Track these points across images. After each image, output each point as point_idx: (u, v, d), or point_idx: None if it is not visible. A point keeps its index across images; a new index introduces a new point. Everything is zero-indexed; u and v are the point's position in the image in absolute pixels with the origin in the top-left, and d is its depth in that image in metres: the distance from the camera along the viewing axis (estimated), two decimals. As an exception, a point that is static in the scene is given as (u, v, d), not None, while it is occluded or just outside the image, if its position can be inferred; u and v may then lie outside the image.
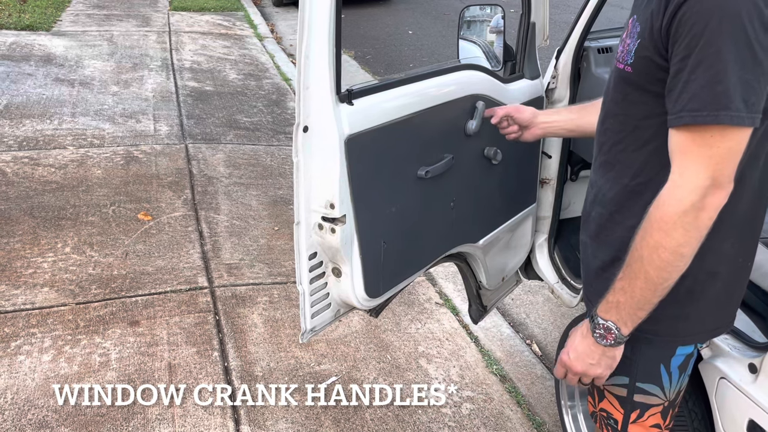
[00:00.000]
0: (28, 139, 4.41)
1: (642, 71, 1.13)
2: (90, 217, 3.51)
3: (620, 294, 1.14)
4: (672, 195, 1.06)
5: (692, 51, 1.00)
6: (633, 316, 1.15)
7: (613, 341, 1.18)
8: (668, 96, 1.07)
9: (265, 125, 5.14)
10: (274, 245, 3.43)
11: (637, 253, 1.11)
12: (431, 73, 1.68)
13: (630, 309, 1.14)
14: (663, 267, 1.08)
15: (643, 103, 1.16)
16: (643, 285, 1.10)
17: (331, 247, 1.50)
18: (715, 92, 0.99)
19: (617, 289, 1.15)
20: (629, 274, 1.12)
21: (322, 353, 2.66)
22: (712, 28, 0.98)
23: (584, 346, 1.22)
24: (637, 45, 1.12)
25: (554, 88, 2.13)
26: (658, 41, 1.07)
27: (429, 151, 1.67)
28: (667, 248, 1.06)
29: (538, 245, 2.34)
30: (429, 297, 3.14)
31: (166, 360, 2.53)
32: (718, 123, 1.00)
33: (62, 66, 6.03)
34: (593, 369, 1.23)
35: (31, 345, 2.54)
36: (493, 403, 2.49)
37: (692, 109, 1.02)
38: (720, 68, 0.98)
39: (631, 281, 1.12)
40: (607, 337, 1.18)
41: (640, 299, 1.12)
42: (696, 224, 1.04)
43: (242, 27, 8.49)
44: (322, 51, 1.34)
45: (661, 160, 1.13)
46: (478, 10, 2.19)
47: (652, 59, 1.09)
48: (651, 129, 1.16)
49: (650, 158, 1.18)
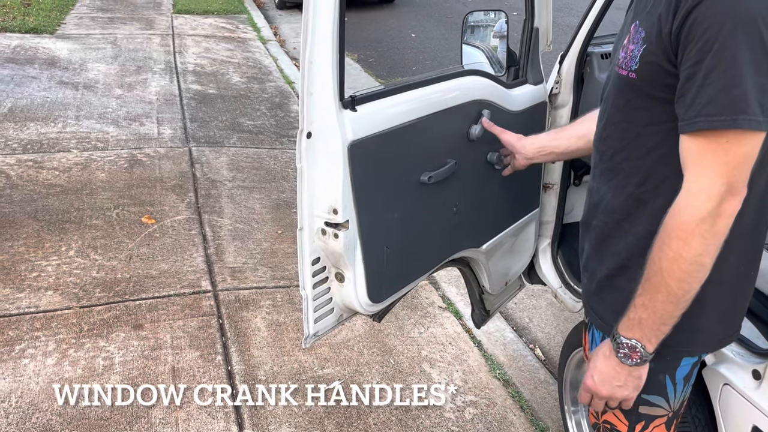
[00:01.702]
0: (32, 142, 4.42)
1: (648, 77, 1.10)
2: (94, 220, 3.52)
3: (641, 310, 1.11)
4: (688, 203, 1.03)
5: (705, 55, 0.98)
6: (657, 331, 1.11)
7: (639, 360, 1.14)
8: (679, 101, 1.05)
9: (268, 128, 5.15)
10: (277, 249, 3.43)
11: (656, 266, 1.07)
12: (434, 78, 1.69)
13: (653, 325, 1.11)
14: (684, 278, 1.05)
15: (647, 110, 1.14)
16: (665, 298, 1.07)
17: (334, 253, 1.50)
18: (731, 96, 0.98)
19: (638, 305, 1.11)
20: (649, 288, 1.09)
21: (325, 357, 2.66)
22: (727, 32, 0.96)
23: (608, 367, 1.18)
24: (643, 50, 1.10)
25: (557, 93, 2.13)
26: (666, 46, 1.05)
27: (432, 156, 1.67)
28: (687, 258, 1.04)
29: (542, 250, 2.34)
30: (432, 301, 3.14)
31: (170, 363, 2.53)
32: (736, 127, 0.98)
33: (66, 69, 6.05)
34: (620, 391, 1.19)
35: (36, 348, 2.55)
36: (497, 407, 2.49)
37: (708, 114, 1.00)
38: (736, 72, 0.97)
39: (652, 296, 1.09)
40: (632, 356, 1.14)
41: (663, 313, 1.09)
42: (714, 231, 1.02)
43: (245, 30, 8.51)
44: (325, 57, 1.35)
45: (668, 168, 1.11)
46: (482, 15, 2.19)
47: (660, 65, 1.07)
48: (656, 136, 1.14)
49: (656, 166, 1.15)
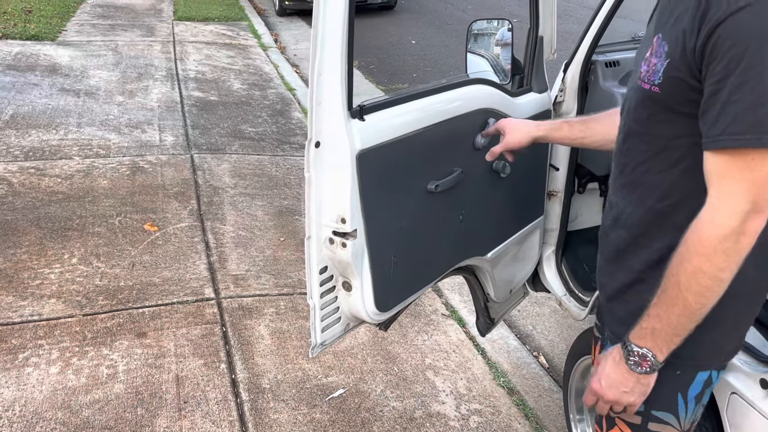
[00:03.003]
0: (34, 149, 4.42)
1: (671, 92, 1.10)
2: (96, 227, 3.52)
3: (655, 320, 1.12)
4: (711, 220, 1.04)
5: (731, 73, 0.98)
6: (669, 342, 1.13)
7: (648, 368, 1.16)
8: (703, 118, 1.04)
9: (270, 135, 5.16)
10: (280, 256, 3.43)
11: (674, 279, 1.08)
12: (441, 87, 1.69)
13: (666, 336, 1.12)
14: (702, 293, 1.06)
15: (671, 124, 1.13)
16: (680, 311, 1.08)
17: (342, 262, 1.50)
18: (758, 115, 0.98)
19: (652, 315, 1.13)
20: (665, 300, 1.10)
21: (329, 365, 2.65)
22: (754, 50, 0.96)
23: (617, 373, 1.20)
24: (666, 65, 1.09)
25: (562, 102, 2.14)
26: (691, 62, 1.04)
27: (438, 165, 1.68)
28: (707, 273, 1.04)
29: (546, 257, 2.35)
30: (435, 308, 3.14)
31: (174, 372, 2.53)
32: (761, 146, 0.99)
33: (68, 76, 6.06)
34: (626, 397, 1.20)
35: (39, 357, 2.55)
36: (501, 416, 2.49)
37: (733, 132, 1.00)
38: (763, 91, 0.97)
39: (668, 308, 1.10)
40: (642, 364, 1.16)
41: (677, 326, 1.10)
42: (736, 249, 1.03)
43: (246, 37, 8.53)
44: (334, 67, 1.35)
45: (692, 181, 1.11)
46: (486, 23, 2.20)
47: (684, 80, 1.06)
48: (681, 149, 1.14)
49: (679, 179, 1.15)
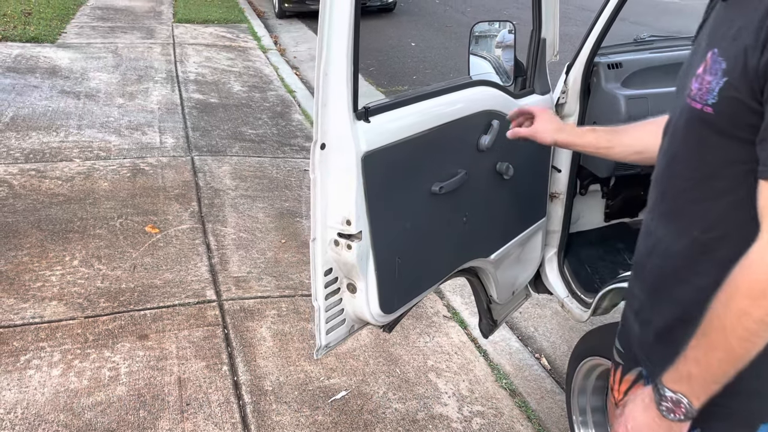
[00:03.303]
0: (34, 151, 4.42)
1: (727, 114, 0.99)
2: (97, 229, 3.52)
3: (693, 365, 1.02)
4: (763, 257, 0.94)
5: None
6: (707, 389, 1.02)
7: (682, 416, 1.05)
8: (761, 144, 0.95)
9: (270, 137, 5.16)
10: (281, 258, 3.43)
11: (717, 322, 0.98)
12: (444, 89, 1.70)
13: (704, 382, 1.02)
14: (747, 337, 0.96)
15: (723, 149, 1.03)
16: (722, 356, 0.98)
17: (347, 263, 1.50)
18: None
19: (690, 358, 1.03)
20: (706, 344, 1.00)
21: (332, 367, 2.65)
22: None
23: (647, 418, 1.09)
24: (723, 83, 0.98)
25: (564, 103, 2.14)
26: (753, 81, 0.94)
27: (443, 166, 1.68)
28: (754, 317, 0.94)
29: (548, 259, 2.35)
30: (437, 310, 3.14)
31: (176, 374, 2.52)
32: None
33: (68, 78, 6.06)
34: None
35: (41, 359, 2.54)
36: (504, 417, 2.49)
37: None
38: None
39: (708, 352, 1.00)
40: (676, 411, 1.05)
41: (717, 372, 1.00)
42: None
43: (246, 39, 8.54)
44: (340, 69, 1.36)
45: (742, 214, 1.01)
46: (488, 25, 2.21)
47: (743, 101, 0.96)
48: (732, 178, 1.03)
49: (729, 210, 1.05)
